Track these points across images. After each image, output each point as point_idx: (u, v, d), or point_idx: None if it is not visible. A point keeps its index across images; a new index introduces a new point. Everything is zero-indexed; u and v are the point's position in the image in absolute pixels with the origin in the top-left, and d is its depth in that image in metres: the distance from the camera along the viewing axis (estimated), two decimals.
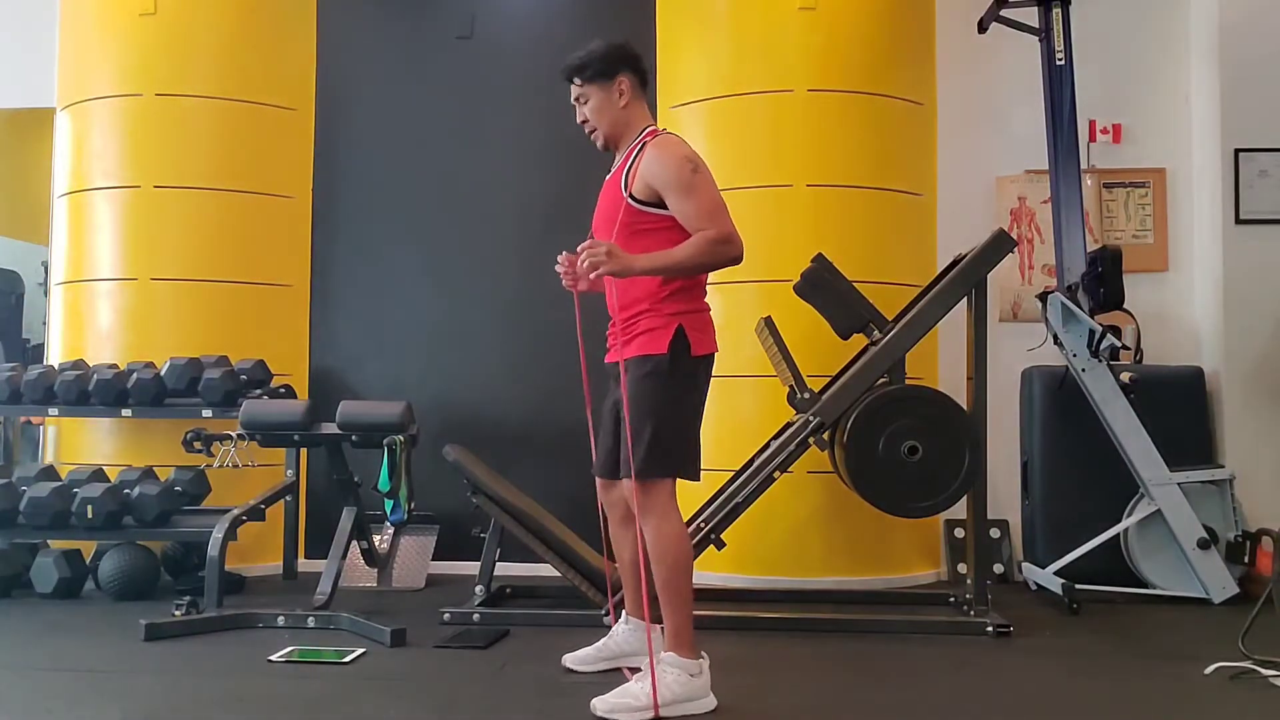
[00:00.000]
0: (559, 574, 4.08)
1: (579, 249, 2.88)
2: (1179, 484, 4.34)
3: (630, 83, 3.11)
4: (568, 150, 5.26)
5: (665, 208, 2.96)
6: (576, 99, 3.14)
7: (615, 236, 2.98)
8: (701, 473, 3.05)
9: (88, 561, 4.56)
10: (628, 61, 3.12)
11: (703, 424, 3.10)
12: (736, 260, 2.94)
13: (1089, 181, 5.03)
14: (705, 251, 2.90)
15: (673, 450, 2.96)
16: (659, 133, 3.09)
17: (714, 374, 3.12)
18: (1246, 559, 4.35)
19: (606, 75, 3.09)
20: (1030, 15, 4.62)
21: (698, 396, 3.05)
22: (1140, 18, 5.18)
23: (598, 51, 3.10)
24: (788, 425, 4.09)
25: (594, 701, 2.84)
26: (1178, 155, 5.15)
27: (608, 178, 3.15)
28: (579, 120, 3.17)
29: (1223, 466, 4.55)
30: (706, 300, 3.09)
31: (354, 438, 4.14)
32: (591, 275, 2.89)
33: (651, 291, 2.97)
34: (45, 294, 5.80)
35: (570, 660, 3.32)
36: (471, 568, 4.32)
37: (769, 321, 4.14)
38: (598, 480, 3.24)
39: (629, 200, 2.99)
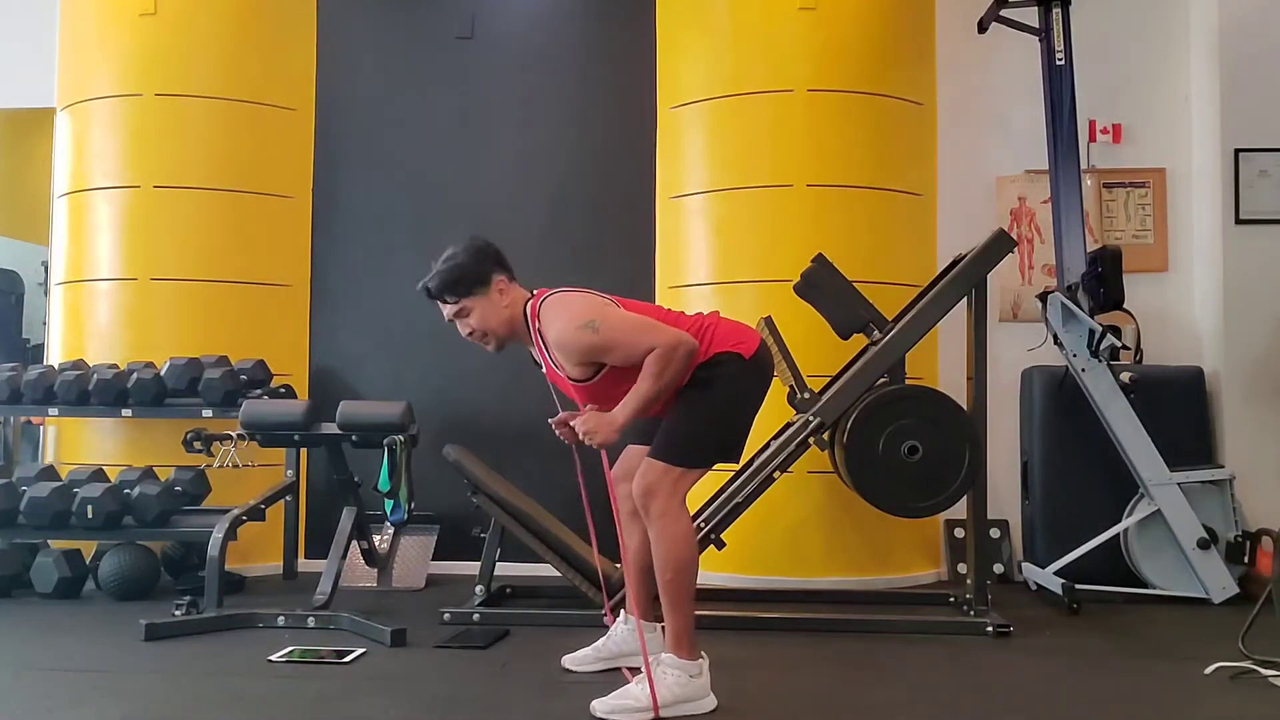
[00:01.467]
0: (559, 574, 4.08)
1: (559, 420, 3.02)
2: (1179, 484, 4.34)
3: (505, 280, 3.07)
4: (568, 150, 5.28)
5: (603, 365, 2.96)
6: (456, 314, 3.09)
7: (591, 402, 2.99)
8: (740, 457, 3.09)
9: (88, 561, 4.56)
10: (494, 260, 3.08)
11: None
12: (692, 354, 2.89)
13: (1089, 181, 5.03)
14: (661, 371, 2.85)
15: (702, 445, 2.96)
16: (536, 307, 3.03)
17: None
18: (1246, 559, 4.35)
19: (482, 283, 3.05)
20: (1030, 15, 4.62)
21: (744, 392, 3.04)
22: (1140, 18, 5.18)
23: (465, 263, 3.05)
24: (788, 425, 4.09)
25: (594, 703, 2.84)
26: (1178, 155, 5.15)
27: (542, 370, 3.13)
28: (464, 333, 3.10)
29: (1223, 466, 4.55)
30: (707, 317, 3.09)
31: (354, 438, 4.14)
32: (595, 446, 2.89)
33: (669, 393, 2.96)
34: (45, 294, 5.80)
35: (569, 661, 3.32)
36: (471, 568, 4.32)
37: (769, 321, 4.14)
38: (610, 473, 3.22)
39: (577, 384, 3.00)
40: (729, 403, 3.02)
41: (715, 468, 3.14)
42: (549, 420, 3.12)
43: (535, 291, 3.10)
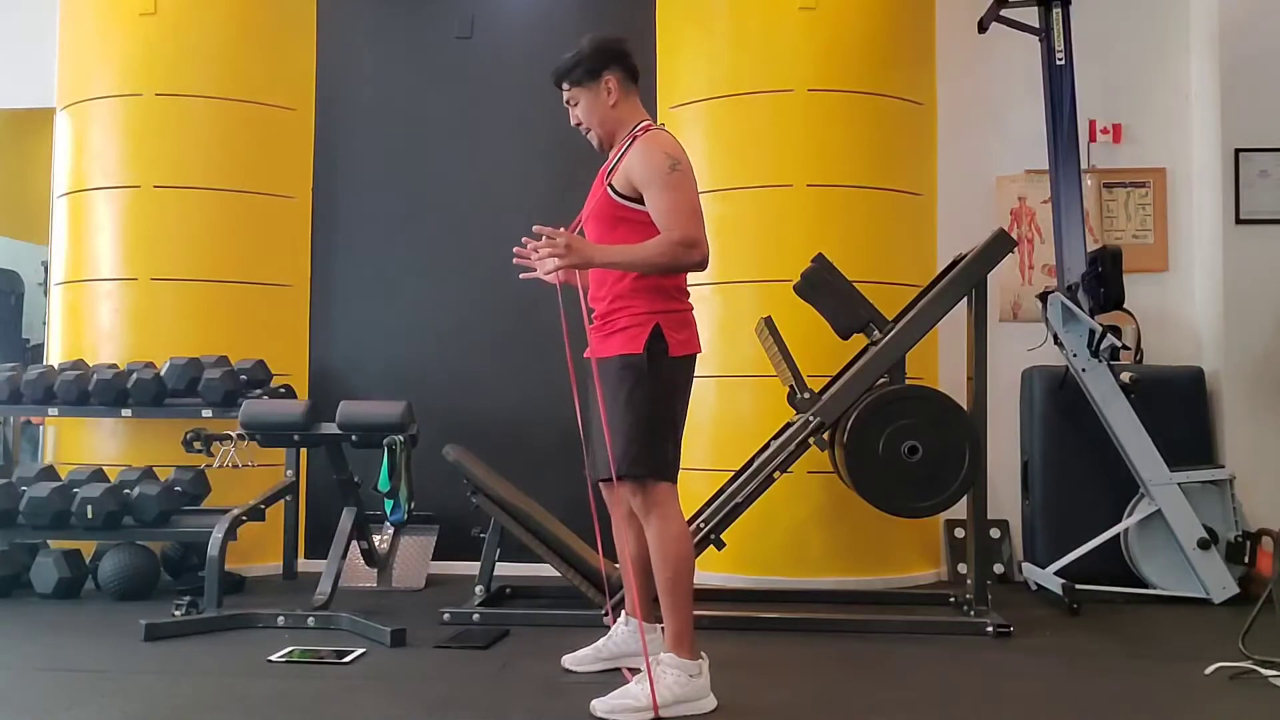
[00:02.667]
0: (559, 574, 4.08)
1: (536, 233, 2.83)
2: (1179, 484, 4.34)
3: (618, 80, 3.10)
4: (567, 150, 5.26)
5: (644, 203, 2.95)
6: (567, 102, 3.15)
7: (597, 226, 2.99)
8: (679, 473, 3.02)
9: (88, 561, 4.56)
10: (614, 58, 3.10)
11: (703, 424, 3.10)
12: (700, 266, 2.90)
13: (1089, 181, 5.03)
14: (667, 252, 2.85)
15: (651, 451, 2.92)
16: (651, 128, 3.08)
17: (714, 374, 3.12)
18: (1246, 559, 4.35)
19: (593, 75, 3.08)
20: (1030, 15, 4.62)
21: (678, 398, 3.02)
22: (1140, 18, 5.18)
23: (583, 52, 3.09)
24: (788, 425, 4.09)
25: (594, 703, 2.84)
26: (1178, 155, 5.15)
27: (600, 171, 3.15)
28: (573, 123, 3.17)
29: (1223, 466, 4.55)
30: (689, 300, 3.07)
31: (354, 438, 4.14)
32: (550, 268, 2.89)
33: (627, 288, 2.96)
34: (45, 294, 5.80)
35: (569, 661, 3.32)
36: (471, 568, 4.32)
37: (769, 321, 4.14)
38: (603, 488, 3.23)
39: (609, 191, 3.00)
40: (676, 410, 3.02)
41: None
42: (533, 231, 2.89)
43: (663, 125, 3.13)
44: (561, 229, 2.86)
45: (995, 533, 4.96)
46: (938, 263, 4.85)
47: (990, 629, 3.80)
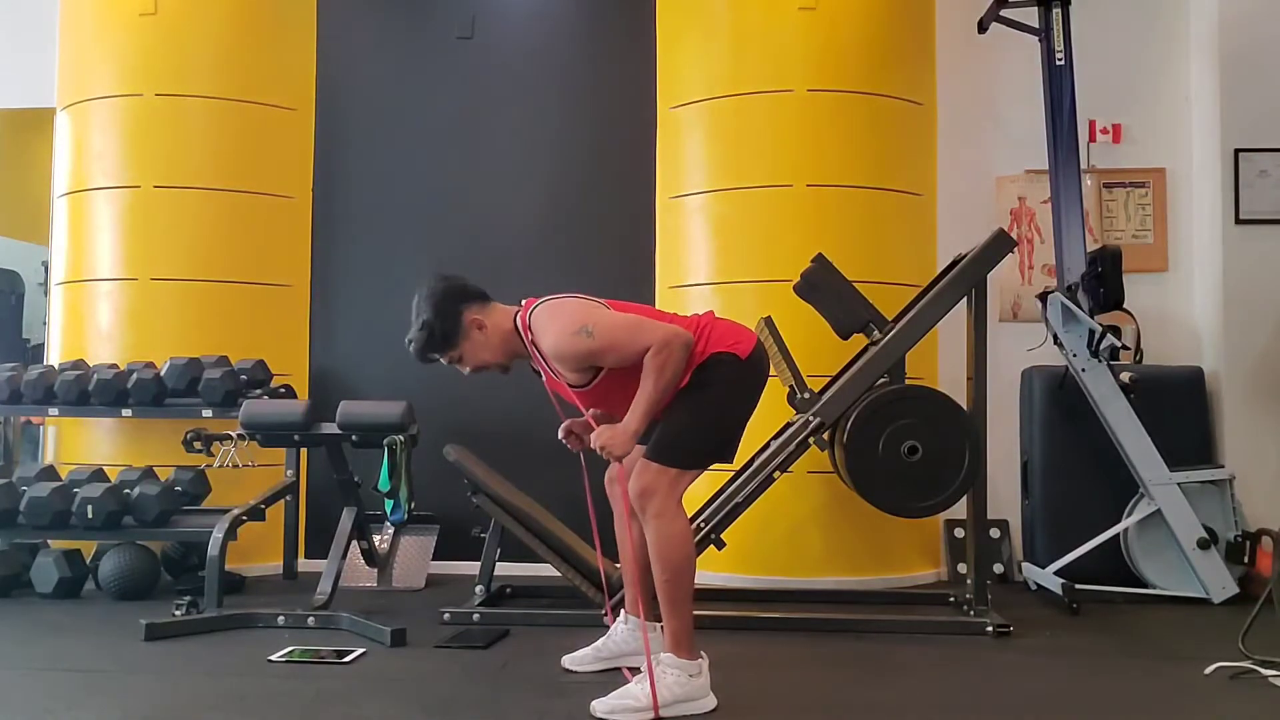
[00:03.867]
0: (559, 574, 4.08)
1: (565, 430, 3.15)
2: (1179, 484, 4.34)
3: (474, 310, 3.07)
4: (568, 150, 5.28)
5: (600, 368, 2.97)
6: (449, 362, 3.13)
7: (592, 402, 3.04)
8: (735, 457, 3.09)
9: (88, 561, 4.56)
10: (454, 299, 3.08)
11: None
12: (688, 346, 2.90)
13: (1089, 181, 5.03)
14: (662, 367, 2.85)
15: (697, 446, 2.96)
16: (525, 319, 3.04)
17: None
18: (1246, 559, 4.35)
19: (455, 332, 3.06)
20: (1030, 15, 4.62)
21: (739, 392, 3.03)
22: (1140, 18, 5.18)
23: (432, 323, 3.06)
24: (788, 425, 4.08)
25: (594, 703, 2.84)
26: (1178, 155, 5.15)
27: (543, 380, 3.15)
28: (466, 374, 3.14)
29: (1223, 466, 4.54)
30: (703, 317, 3.08)
31: (354, 438, 4.14)
32: (614, 459, 2.94)
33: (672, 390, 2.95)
34: (45, 294, 5.80)
35: (568, 661, 3.32)
36: (471, 568, 4.32)
37: (769, 321, 4.14)
38: (606, 472, 3.23)
39: (578, 390, 3.01)
40: (724, 403, 3.02)
41: (714, 468, 3.14)
42: (558, 433, 3.18)
43: (523, 303, 3.10)
44: (581, 420, 3.05)
45: (995, 533, 4.96)
46: (937, 263, 4.84)
47: (990, 629, 3.80)
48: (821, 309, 4.15)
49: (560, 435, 3.18)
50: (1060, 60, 4.52)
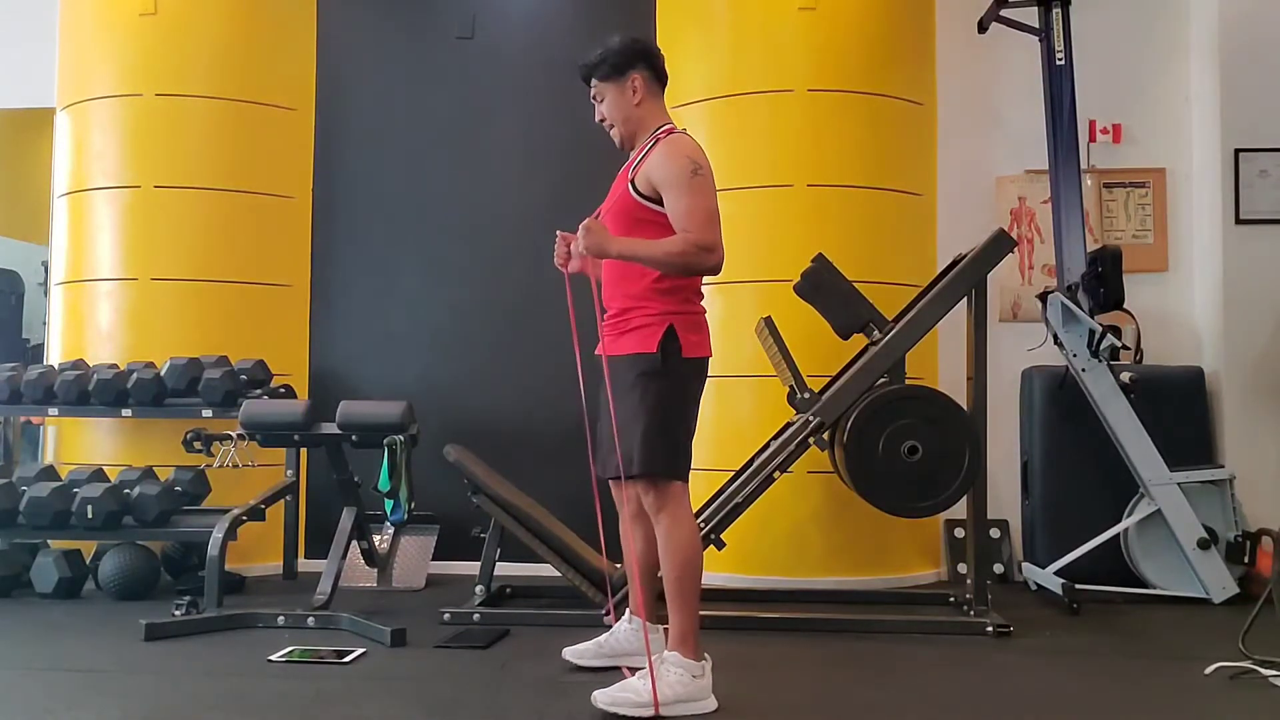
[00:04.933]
0: (559, 574, 4.08)
1: (565, 235, 3.09)
2: (1179, 484, 4.34)
3: (644, 79, 3.11)
4: (568, 150, 5.28)
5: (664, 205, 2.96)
6: (593, 97, 3.17)
7: (617, 224, 3.00)
8: (690, 474, 3.04)
9: (88, 561, 4.56)
10: (642, 58, 3.12)
11: (703, 424, 3.10)
12: (714, 270, 2.93)
13: (1089, 181, 5.03)
14: (683, 252, 2.88)
15: (664, 450, 2.94)
16: (674, 131, 3.09)
17: (714, 374, 3.11)
18: (1246, 559, 4.35)
19: (619, 72, 3.10)
20: (1030, 15, 4.62)
21: (690, 400, 3.03)
22: (1140, 18, 5.18)
23: (612, 48, 3.11)
24: (788, 425, 4.09)
25: (596, 694, 2.85)
26: (1178, 155, 5.15)
27: (621, 170, 3.16)
28: (597, 118, 3.18)
29: (1223, 466, 4.55)
30: (702, 304, 3.08)
31: (354, 438, 4.14)
32: (562, 253, 2.98)
33: (643, 288, 2.97)
34: (45, 294, 5.80)
35: (569, 653, 3.32)
36: (471, 568, 4.32)
37: (769, 321, 4.14)
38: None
39: (630, 190, 3.01)
40: (687, 412, 3.03)
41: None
42: (556, 236, 3.16)
43: (684, 130, 3.13)
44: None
45: (995, 533, 4.96)
46: (938, 263, 4.85)
47: (990, 629, 3.80)
48: (821, 309, 4.15)
49: (558, 237, 3.17)
50: (1060, 60, 4.52)
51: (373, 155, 5.39)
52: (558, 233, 3.16)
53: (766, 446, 4.07)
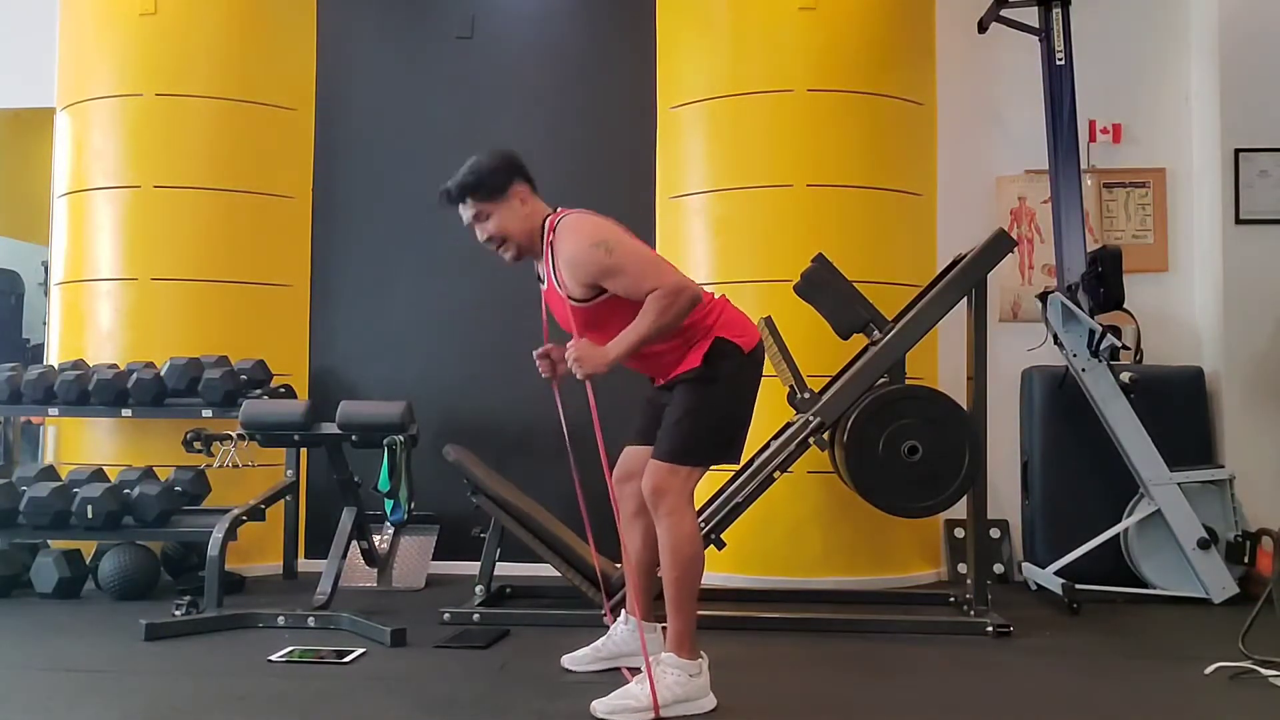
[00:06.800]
0: (559, 574, 4.08)
1: (541, 352, 3.05)
2: (1179, 484, 4.35)
3: (524, 186, 3.07)
4: (568, 150, 5.28)
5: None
6: (473, 218, 3.07)
7: (584, 330, 2.96)
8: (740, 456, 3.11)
9: (88, 561, 4.56)
10: (515, 168, 3.08)
11: None
12: (695, 301, 2.90)
13: (1089, 181, 5.03)
14: (663, 310, 2.84)
15: (706, 442, 2.97)
16: (554, 221, 3.02)
17: None
18: (1246, 559, 4.35)
19: (502, 189, 3.04)
20: (1030, 15, 4.62)
21: (744, 388, 3.06)
22: (1140, 18, 5.18)
23: (484, 168, 3.05)
24: (788, 425, 4.09)
25: (594, 703, 2.84)
26: (1178, 155, 5.15)
27: (543, 288, 3.11)
28: (482, 239, 3.08)
29: (1223, 466, 4.55)
30: (713, 296, 3.07)
31: (354, 438, 4.14)
32: (580, 377, 2.88)
33: (673, 345, 2.96)
34: (45, 294, 5.80)
35: (567, 661, 3.32)
36: (471, 568, 4.32)
37: (769, 321, 4.14)
38: (613, 471, 3.21)
39: (574, 304, 2.96)
40: (728, 399, 3.03)
41: (717, 468, 3.14)
42: (534, 354, 3.10)
43: (557, 209, 3.09)
44: (565, 345, 2.92)
45: (995, 533, 4.96)
46: (937, 263, 4.84)
47: (990, 629, 3.80)
48: (821, 309, 4.15)
49: (536, 355, 3.10)
50: (1060, 60, 4.52)
51: (373, 155, 5.39)
52: (533, 353, 3.10)
53: (766, 446, 4.07)
